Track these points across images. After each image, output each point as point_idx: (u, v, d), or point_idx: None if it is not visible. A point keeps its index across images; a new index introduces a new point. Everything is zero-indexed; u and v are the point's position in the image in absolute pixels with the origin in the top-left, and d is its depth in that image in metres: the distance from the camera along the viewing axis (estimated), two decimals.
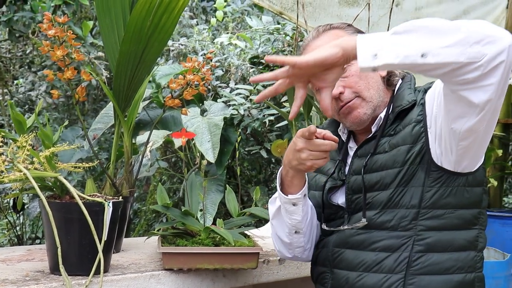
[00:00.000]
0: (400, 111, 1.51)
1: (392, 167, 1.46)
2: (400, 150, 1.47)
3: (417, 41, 1.16)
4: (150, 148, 2.88)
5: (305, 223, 1.60)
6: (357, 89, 1.53)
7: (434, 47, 1.16)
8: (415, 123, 1.47)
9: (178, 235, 1.81)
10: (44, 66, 5.19)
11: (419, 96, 1.51)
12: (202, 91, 1.90)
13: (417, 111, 1.49)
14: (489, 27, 1.17)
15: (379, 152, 1.51)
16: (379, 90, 1.56)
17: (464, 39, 1.15)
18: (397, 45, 1.17)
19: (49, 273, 1.60)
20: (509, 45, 1.15)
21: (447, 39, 1.15)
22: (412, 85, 1.56)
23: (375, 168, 1.50)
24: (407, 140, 1.46)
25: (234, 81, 4.15)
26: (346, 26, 1.60)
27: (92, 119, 4.32)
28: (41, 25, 1.70)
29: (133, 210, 4.87)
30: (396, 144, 1.48)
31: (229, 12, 5.23)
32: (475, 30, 1.16)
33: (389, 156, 1.48)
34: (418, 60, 1.16)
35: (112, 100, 1.87)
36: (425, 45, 1.16)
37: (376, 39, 1.19)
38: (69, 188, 1.53)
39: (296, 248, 1.65)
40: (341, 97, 1.53)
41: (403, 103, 1.51)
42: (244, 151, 4.17)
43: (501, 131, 3.36)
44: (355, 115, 1.54)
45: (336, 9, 3.06)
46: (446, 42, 1.15)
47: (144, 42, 1.80)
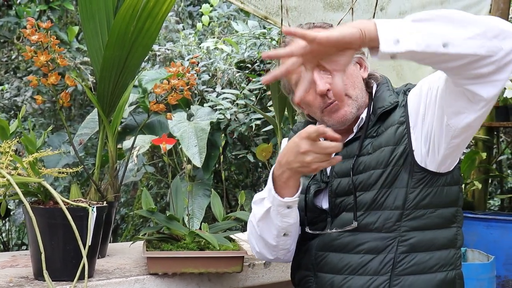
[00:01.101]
0: (381, 112, 1.52)
1: (375, 168, 1.47)
2: (383, 151, 1.48)
3: (439, 30, 1.15)
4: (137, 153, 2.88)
5: (295, 226, 1.59)
6: (345, 87, 1.51)
7: (456, 38, 1.14)
8: (398, 124, 1.48)
9: (163, 239, 1.82)
10: (30, 72, 5.16)
11: (400, 98, 1.53)
12: (187, 95, 1.90)
13: (399, 113, 1.50)
14: (503, 22, 1.18)
15: (362, 154, 1.52)
16: (362, 90, 1.57)
17: (484, 32, 1.15)
18: (419, 33, 1.14)
19: (33, 279, 1.59)
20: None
21: (468, 31, 1.14)
22: (390, 87, 1.58)
23: (359, 170, 1.50)
24: (390, 141, 1.48)
25: (221, 85, 4.16)
26: (329, 26, 1.59)
27: (78, 124, 4.30)
28: (24, 31, 1.70)
29: (120, 215, 4.85)
30: (379, 145, 1.49)
31: (215, 16, 5.24)
32: (493, 25, 1.16)
33: (372, 158, 1.49)
34: (440, 49, 1.14)
35: (96, 105, 1.87)
36: (447, 35, 1.14)
37: (396, 25, 1.15)
38: (52, 193, 1.53)
39: (281, 250, 1.62)
40: (328, 94, 1.51)
41: (385, 104, 1.52)
42: (231, 156, 4.17)
43: (485, 134, 3.39)
44: (341, 113, 1.53)
45: (320, 13, 3.08)
46: (467, 33, 1.14)
47: (128, 47, 1.80)
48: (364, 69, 1.61)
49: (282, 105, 2.54)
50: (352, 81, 1.54)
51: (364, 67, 1.61)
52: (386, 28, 1.14)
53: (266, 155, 2.39)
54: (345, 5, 3.07)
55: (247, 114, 3.83)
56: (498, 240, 2.77)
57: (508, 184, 4.37)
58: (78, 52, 4.78)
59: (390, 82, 1.62)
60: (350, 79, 1.54)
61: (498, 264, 2.65)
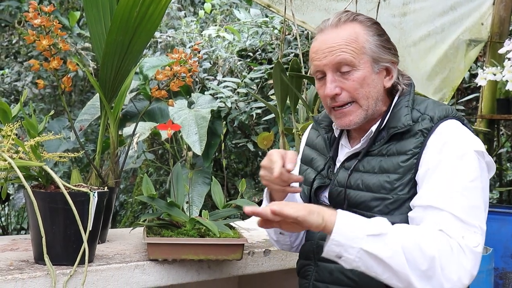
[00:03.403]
0: (394, 133, 1.48)
1: (379, 192, 1.44)
2: (389, 177, 1.44)
3: (379, 267, 1.27)
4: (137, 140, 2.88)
5: None
6: (355, 96, 1.48)
7: (386, 279, 1.28)
8: (411, 155, 1.43)
9: (164, 226, 1.82)
10: (30, 56, 5.15)
11: (422, 124, 1.45)
12: (188, 82, 1.90)
13: (415, 142, 1.43)
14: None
15: (368, 171, 1.49)
16: (378, 100, 1.51)
17: None
18: (360, 260, 1.27)
19: (34, 263, 1.59)
20: None
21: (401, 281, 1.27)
22: (410, 104, 1.50)
23: (361, 187, 1.48)
24: (398, 170, 1.43)
25: (222, 73, 4.15)
26: (371, 24, 1.53)
27: (79, 110, 4.30)
28: (27, 14, 1.69)
29: (120, 202, 4.86)
30: (386, 169, 1.45)
31: (217, 4, 5.22)
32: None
33: (377, 180, 1.45)
34: (372, 274, 1.29)
35: (98, 90, 1.86)
36: (382, 275, 1.28)
37: (349, 239, 1.27)
38: (54, 178, 1.53)
39: (283, 245, 1.72)
40: (336, 98, 1.49)
41: (399, 125, 1.46)
42: (231, 144, 4.17)
43: (486, 127, 3.40)
44: (345, 121, 1.51)
45: (324, 2, 3.06)
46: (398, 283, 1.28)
47: (131, 32, 1.80)
48: (390, 77, 1.54)
49: (284, 94, 2.53)
50: (368, 91, 1.49)
51: (390, 76, 1.54)
52: (335, 242, 1.27)
53: (267, 144, 2.39)
54: None
55: (248, 102, 3.82)
56: (497, 232, 2.78)
57: (508, 177, 4.38)
58: (79, 38, 4.76)
59: (413, 92, 1.54)
60: (366, 88, 1.49)
61: (496, 256, 2.66)
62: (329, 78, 1.49)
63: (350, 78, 1.47)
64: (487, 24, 3.48)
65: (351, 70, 1.47)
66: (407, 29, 3.29)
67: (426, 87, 3.38)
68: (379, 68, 1.50)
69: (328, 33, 1.51)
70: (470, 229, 1.32)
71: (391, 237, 1.27)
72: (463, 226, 1.32)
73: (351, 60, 1.46)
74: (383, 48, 1.51)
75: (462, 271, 1.27)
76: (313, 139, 1.71)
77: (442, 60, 3.45)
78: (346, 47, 1.47)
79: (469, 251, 1.29)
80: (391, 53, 1.53)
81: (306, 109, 2.59)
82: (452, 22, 3.40)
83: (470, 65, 3.62)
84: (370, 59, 1.48)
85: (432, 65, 3.42)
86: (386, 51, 1.51)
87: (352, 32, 1.49)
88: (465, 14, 3.43)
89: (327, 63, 1.48)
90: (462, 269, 1.27)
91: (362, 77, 1.47)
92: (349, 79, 1.47)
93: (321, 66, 1.50)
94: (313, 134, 1.73)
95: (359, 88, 1.48)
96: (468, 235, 1.31)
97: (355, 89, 1.48)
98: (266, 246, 1.97)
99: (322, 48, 1.50)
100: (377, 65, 1.50)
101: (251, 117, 3.80)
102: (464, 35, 3.46)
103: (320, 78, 1.54)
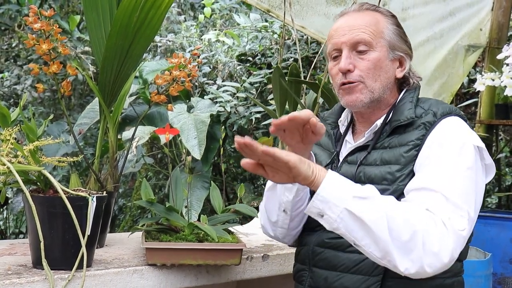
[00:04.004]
0: (396, 126, 1.50)
1: (380, 183, 1.45)
2: (391, 168, 1.46)
3: (358, 232, 1.26)
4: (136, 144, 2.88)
5: (297, 209, 1.61)
6: (365, 75, 1.51)
7: (364, 245, 1.28)
8: (412, 146, 1.45)
9: (162, 230, 1.82)
10: (30, 60, 5.15)
11: (425, 118, 1.48)
12: (188, 87, 1.90)
13: (417, 133, 1.46)
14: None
15: (370, 164, 1.51)
16: (385, 87, 1.54)
17: (387, 255, 1.28)
18: (342, 221, 1.26)
19: (32, 267, 1.59)
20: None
21: (379, 247, 1.26)
22: (414, 99, 1.54)
23: (363, 179, 1.50)
24: (400, 161, 1.45)
25: (221, 78, 4.15)
26: (391, 15, 1.59)
27: (78, 114, 4.29)
28: (27, 19, 1.69)
29: (118, 206, 4.86)
30: (388, 161, 1.47)
31: (217, 9, 5.22)
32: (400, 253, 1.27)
33: (378, 171, 1.47)
34: (350, 241, 1.29)
35: (97, 95, 1.87)
36: (359, 239, 1.27)
37: (334, 197, 1.26)
38: (52, 182, 1.53)
39: (280, 228, 1.66)
40: (348, 74, 1.52)
41: (401, 118, 1.50)
42: (230, 148, 4.17)
43: (485, 132, 3.40)
44: (352, 98, 1.53)
45: (323, 7, 3.07)
46: (376, 250, 1.27)
47: (130, 37, 1.80)
48: (402, 68, 1.57)
49: (283, 99, 2.53)
50: (378, 74, 1.52)
51: (403, 67, 1.58)
52: (321, 199, 1.26)
53: None
54: (347, 0, 3.06)
55: (247, 107, 3.83)
56: (495, 237, 2.78)
57: (506, 182, 4.38)
58: (79, 42, 4.76)
59: (418, 91, 1.59)
60: (378, 71, 1.52)
61: (495, 262, 2.66)
62: (345, 54, 1.53)
63: (365, 58, 1.52)
64: (485, 30, 3.49)
65: (367, 50, 1.52)
66: (406, 34, 3.29)
67: (425, 92, 3.38)
68: (394, 56, 1.55)
69: (350, 15, 1.58)
70: (457, 211, 1.32)
71: (377, 203, 1.28)
72: (452, 208, 1.33)
73: (370, 40, 1.52)
74: (400, 38, 1.57)
75: (443, 248, 1.26)
76: (330, 134, 1.72)
77: (441, 65, 3.45)
78: (366, 28, 1.53)
79: (452, 232, 1.29)
80: (407, 45, 1.59)
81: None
82: (451, 27, 3.41)
83: (469, 70, 3.62)
84: (387, 44, 1.54)
85: (431, 70, 3.43)
86: (402, 41, 1.57)
87: (373, 18, 1.55)
88: (464, 19, 3.44)
89: (346, 40, 1.53)
90: (443, 245, 1.27)
91: (377, 59, 1.52)
92: (364, 59, 1.52)
93: (339, 44, 1.54)
94: None
95: (372, 69, 1.52)
96: (455, 217, 1.31)
97: (368, 68, 1.52)
98: (264, 251, 1.97)
99: (343, 26, 1.55)
100: (392, 52, 1.55)
101: (251, 122, 3.80)
102: (463, 40, 3.47)
103: (335, 57, 1.57)
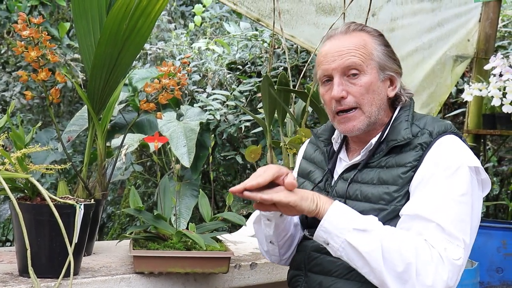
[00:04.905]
0: (393, 146, 1.50)
1: (377, 203, 1.46)
2: (388, 188, 1.46)
3: (359, 260, 1.34)
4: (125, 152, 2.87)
5: (282, 238, 1.64)
6: (360, 101, 1.51)
7: (365, 274, 1.35)
8: (409, 167, 1.44)
9: (150, 238, 1.81)
10: (19, 67, 5.13)
11: (421, 138, 1.47)
12: (177, 95, 1.90)
13: (414, 154, 1.45)
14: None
15: (366, 182, 1.51)
16: (380, 109, 1.54)
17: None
18: (344, 250, 1.35)
19: (18, 275, 1.58)
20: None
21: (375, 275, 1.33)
22: (410, 118, 1.53)
23: (359, 197, 1.50)
24: (397, 181, 1.45)
25: (211, 86, 4.16)
26: (378, 35, 1.58)
27: (67, 121, 4.28)
28: (16, 26, 1.69)
29: (107, 214, 4.83)
30: (386, 181, 1.47)
31: (207, 17, 5.24)
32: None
33: (376, 191, 1.47)
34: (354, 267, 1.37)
35: (86, 102, 1.86)
36: (362, 269, 1.35)
37: (336, 228, 1.35)
38: (40, 190, 1.52)
39: (273, 255, 1.71)
40: (342, 101, 1.52)
41: (398, 138, 1.49)
42: (219, 156, 4.17)
43: (472, 142, 3.42)
44: (349, 127, 1.53)
45: (313, 17, 3.09)
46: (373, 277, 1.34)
47: (120, 45, 1.80)
48: (393, 87, 1.57)
49: (272, 107, 2.54)
50: (373, 97, 1.52)
51: (394, 86, 1.57)
52: (325, 230, 1.36)
53: (255, 157, 2.39)
54: (337, 10, 3.08)
55: (237, 115, 3.84)
56: (482, 246, 2.79)
57: (494, 191, 4.41)
58: (68, 49, 4.76)
59: (412, 108, 1.58)
60: (371, 94, 1.51)
61: (482, 270, 2.67)
62: (337, 81, 1.52)
63: (357, 83, 1.51)
64: (473, 41, 3.53)
65: (358, 74, 1.51)
66: (395, 44, 3.29)
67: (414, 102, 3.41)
68: (384, 77, 1.54)
69: (337, 38, 1.56)
70: (453, 241, 1.34)
71: (375, 235, 1.33)
72: (447, 238, 1.34)
73: (360, 64, 1.51)
74: (389, 57, 1.56)
75: (438, 279, 1.29)
76: (310, 153, 1.73)
77: (429, 75, 3.49)
78: (355, 51, 1.51)
79: (448, 262, 1.31)
80: (396, 64, 1.58)
81: (294, 123, 2.61)
82: (439, 38, 3.45)
83: (456, 80, 3.66)
84: (377, 65, 1.53)
85: (420, 80, 3.46)
86: (392, 61, 1.56)
87: (361, 39, 1.54)
88: (452, 30, 3.47)
89: (336, 66, 1.52)
90: (438, 278, 1.29)
91: (369, 83, 1.51)
92: (356, 84, 1.51)
93: (330, 70, 1.53)
94: (310, 148, 1.75)
95: (365, 94, 1.51)
96: (450, 247, 1.33)
97: (361, 94, 1.51)
98: (252, 259, 1.97)
99: (331, 51, 1.54)
100: (383, 73, 1.54)
101: (240, 130, 3.81)
102: (451, 51, 3.50)
103: (326, 83, 1.56)
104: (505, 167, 4.23)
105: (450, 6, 3.42)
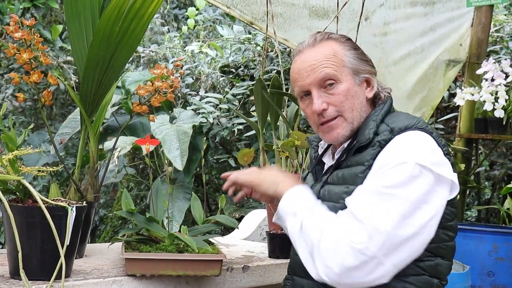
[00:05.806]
0: (358, 147, 1.50)
1: (338, 202, 1.46)
2: (348, 188, 1.46)
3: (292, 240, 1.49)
4: (118, 154, 2.86)
5: None
6: (341, 109, 1.52)
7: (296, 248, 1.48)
8: (367, 166, 1.44)
9: (142, 241, 1.81)
10: (11, 69, 5.11)
11: (381, 136, 1.46)
12: (170, 98, 1.90)
13: (372, 152, 1.45)
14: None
15: (333, 183, 1.54)
16: (361, 112, 1.54)
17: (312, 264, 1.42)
18: (288, 230, 1.50)
19: (9, 278, 1.57)
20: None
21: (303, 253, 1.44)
22: (378, 117, 1.51)
23: (327, 198, 1.52)
24: (356, 181, 1.45)
25: (204, 89, 4.16)
26: (345, 40, 1.58)
27: (59, 123, 4.27)
28: (8, 28, 1.69)
29: (100, 217, 4.82)
30: (346, 180, 1.48)
31: (200, 20, 5.25)
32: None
33: (338, 190, 1.49)
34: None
35: (79, 104, 1.86)
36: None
37: (284, 212, 1.50)
38: (32, 192, 1.52)
39: None
40: (324, 113, 1.52)
41: (361, 139, 1.49)
42: (212, 159, 4.17)
43: (464, 146, 3.44)
44: (333, 135, 1.54)
45: (306, 20, 3.10)
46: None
47: (112, 47, 1.80)
48: (371, 88, 1.57)
49: (265, 111, 2.54)
50: (352, 102, 1.52)
51: (371, 87, 1.57)
52: (278, 211, 1.52)
53: (248, 160, 2.39)
54: (330, 14, 3.09)
55: (229, 118, 3.84)
56: (474, 250, 2.81)
57: (486, 195, 4.43)
58: (61, 51, 4.75)
59: (388, 105, 1.56)
60: (350, 100, 1.52)
61: (473, 274, 2.68)
62: (315, 94, 1.52)
63: (335, 92, 1.51)
64: (465, 45, 3.55)
65: (335, 83, 1.51)
66: (388, 48, 3.34)
67: (406, 106, 3.43)
68: (360, 80, 1.55)
69: (306, 52, 1.56)
70: (361, 227, 1.34)
71: (299, 218, 1.45)
72: (357, 224, 1.35)
73: (334, 73, 1.51)
74: (360, 60, 1.56)
75: (334, 260, 1.34)
76: (311, 158, 1.78)
77: (421, 80, 3.50)
78: (327, 62, 1.52)
79: (347, 245, 1.33)
80: (369, 64, 1.58)
81: (287, 126, 2.61)
82: (432, 42, 3.47)
83: (449, 84, 3.68)
84: (351, 71, 1.53)
85: (412, 84, 3.48)
86: (364, 63, 1.57)
87: (329, 49, 1.54)
88: (445, 35, 3.49)
89: (312, 81, 1.52)
90: (335, 258, 1.34)
91: (346, 89, 1.52)
92: (334, 93, 1.51)
93: (306, 86, 1.54)
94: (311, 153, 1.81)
95: (345, 101, 1.52)
96: (354, 231, 1.34)
97: (340, 102, 1.51)
98: (245, 262, 1.97)
99: (304, 67, 1.54)
100: (357, 77, 1.54)
101: (233, 133, 3.81)
102: (444, 55, 3.52)
103: (304, 97, 1.57)
104: (497, 172, 4.25)
105: (443, 11, 3.44)
